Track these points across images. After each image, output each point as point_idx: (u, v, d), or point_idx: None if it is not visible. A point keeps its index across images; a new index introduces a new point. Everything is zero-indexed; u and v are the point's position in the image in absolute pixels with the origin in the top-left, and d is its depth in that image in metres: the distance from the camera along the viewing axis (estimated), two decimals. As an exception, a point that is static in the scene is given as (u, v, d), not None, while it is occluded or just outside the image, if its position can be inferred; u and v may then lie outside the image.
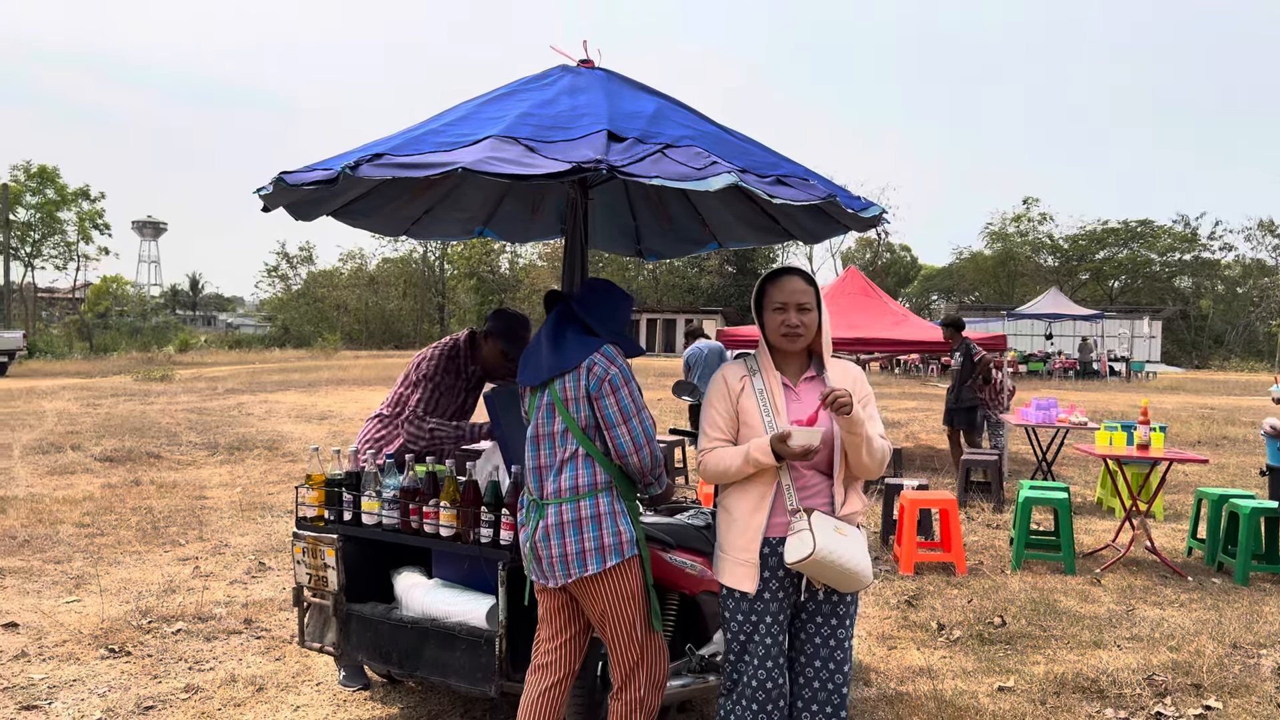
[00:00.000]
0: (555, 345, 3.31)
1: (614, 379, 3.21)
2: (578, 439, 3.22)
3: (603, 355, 3.24)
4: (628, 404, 3.21)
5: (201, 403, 18.90)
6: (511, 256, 62.97)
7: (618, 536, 3.20)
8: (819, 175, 3.61)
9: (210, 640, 5.26)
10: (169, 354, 40.59)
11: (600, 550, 3.17)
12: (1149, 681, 4.86)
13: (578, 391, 3.22)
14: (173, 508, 8.90)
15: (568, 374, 3.24)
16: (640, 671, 3.29)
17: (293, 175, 3.33)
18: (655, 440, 3.26)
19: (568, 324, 3.37)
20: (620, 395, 3.20)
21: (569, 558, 3.18)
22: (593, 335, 3.33)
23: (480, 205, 4.99)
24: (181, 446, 12.87)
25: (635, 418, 3.21)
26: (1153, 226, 58.90)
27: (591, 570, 3.17)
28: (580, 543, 3.17)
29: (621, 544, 3.20)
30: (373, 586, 4.12)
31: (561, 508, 3.21)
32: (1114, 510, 9.39)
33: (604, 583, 3.19)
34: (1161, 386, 30.31)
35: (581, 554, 3.17)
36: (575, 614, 3.35)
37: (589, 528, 3.18)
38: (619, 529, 3.20)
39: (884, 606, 6.09)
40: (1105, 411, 18.46)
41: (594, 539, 3.18)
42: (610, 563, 3.18)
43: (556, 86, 3.78)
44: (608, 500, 3.22)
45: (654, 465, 3.25)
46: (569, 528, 3.19)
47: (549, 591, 3.32)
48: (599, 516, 3.19)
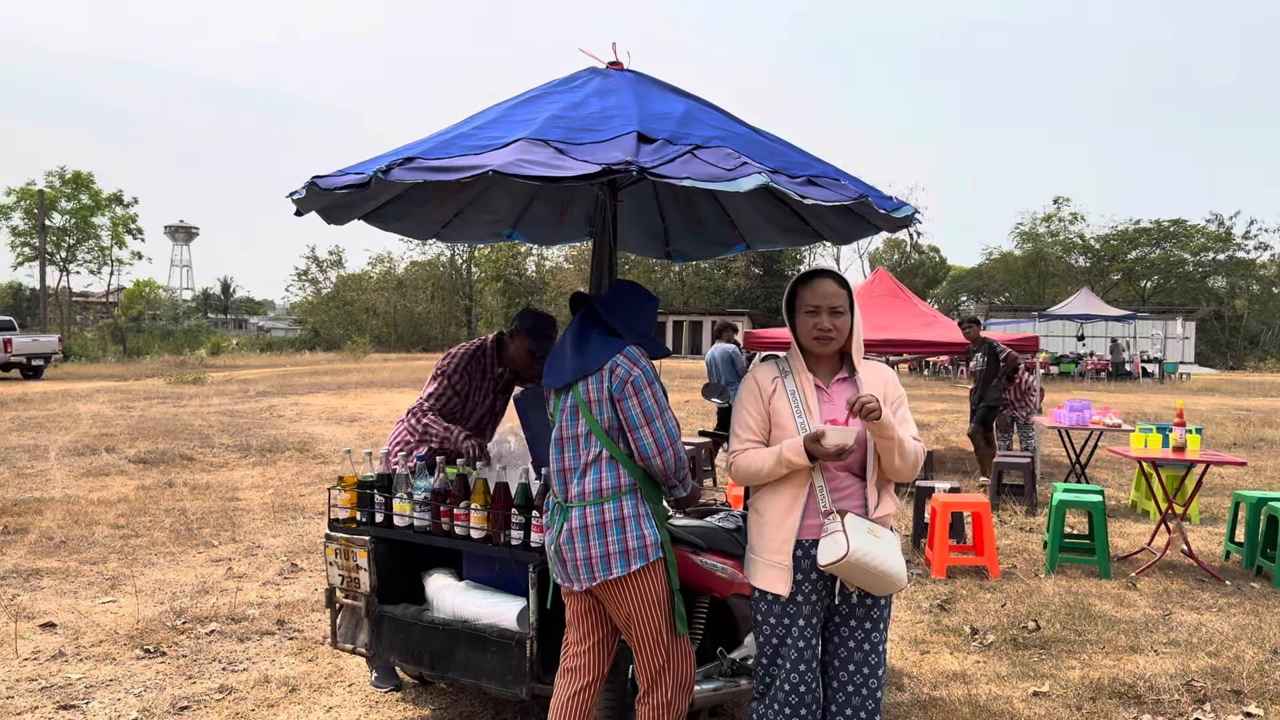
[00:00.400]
0: (579, 347, 3.30)
1: (636, 380, 3.19)
2: (601, 441, 3.21)
3: (625, 357, 3.23)
4: (650, 406, 3.19)
5: (233, 405, 19.08)
6: (538, 259, 63.16)
7: (642, 540, 3.18)
8: (850, 175, 3.58)
9: (243, 641, 5.30)
10: (201, 357, 41.02)
11: (625, 554, 3.16)
12: (1187, 687, 4.79)
13: (601, 393, 3.21)
14: (206, 509, 8.99)
15: (590, 376, 3.23)
16: (667, 675, 3.28)
17: (325, 179, 3.34)
18: (679, 442, 3.24)
19: (592, 326, 3.36)
20: (643, 397, 3.18)
21: (593, 561, 3.17)
22: (616, 337, 3.31)
23: (509, 208, 5.00)
24: (214, 449, 12.99)
25: (658, 419, 3.19)
26: (1186, 226, 58.19)
27: (616, 574, 3.15)
28: (604, 546, 3.16)
29: (646, 547, 3.18)
30: (404, 588, 4.14)
31: (586, 510, 3.19)
32: (1148, 513, 9.27)
33: (628, 586, 3.18)
34: (1195, 388, 29.92)
35: (606, 557, 3.16)
36: (602, 617, 3.34)
37: (613, 531, 3.17)
38: (643, 532, 3.18)
39: (916, 610, 6.05)
40: (1139, 413, 18.25)
41: (618, 542, 3.16)
42: (635, 566, 3.16)
43: (586, 89, 3.78)
44: (632, 503, 3.20)
45: (678, 467, 3.23)
46: (593, 531, 3.17)
47: (575, 594, 3.31)
48: (623, 520, 3.18)
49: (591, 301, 3.43)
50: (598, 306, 3.39)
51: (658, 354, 3.40)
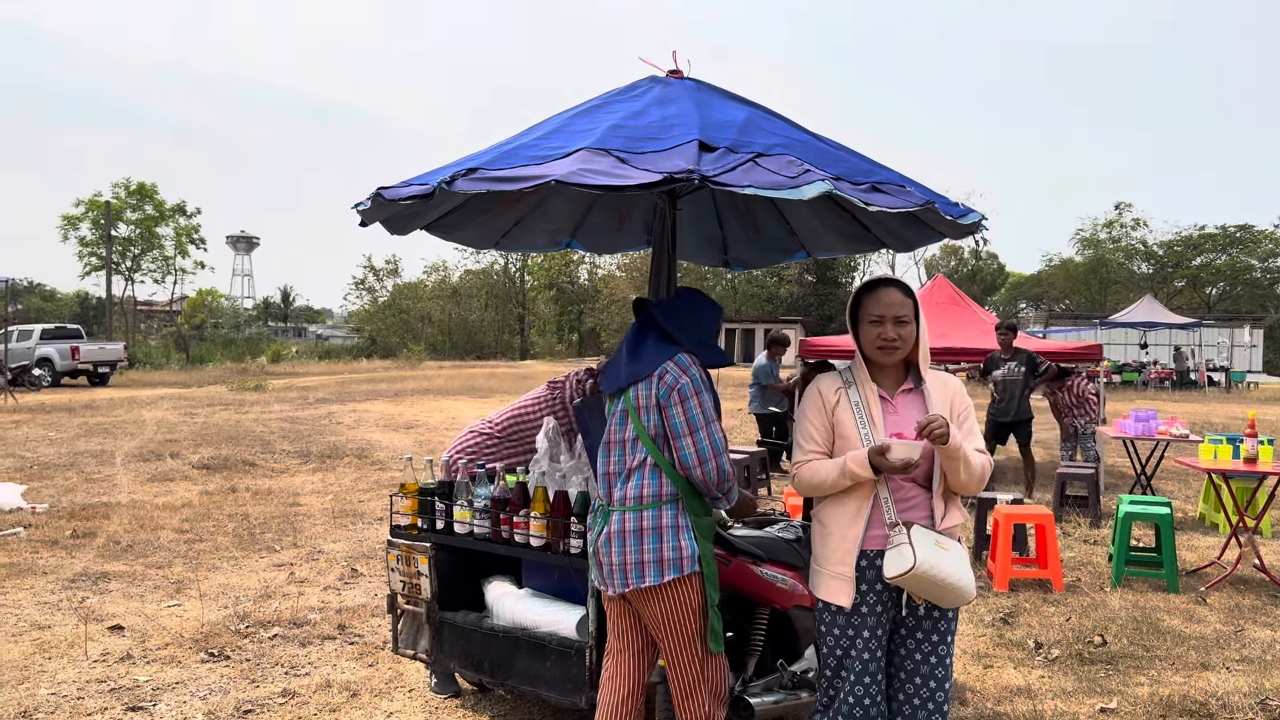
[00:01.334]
0: (634, 352, 3.31)
1: (684, 388, 3.17)
2: (647, 448, 3.20)
3: (675, 364, 3.21)
4: (695, 415, 3.16)
5: (293, 412, 19.38)
6: (590, 267, 63.39)
7: (678, 551, 3.15)
8: (915, 182, 3.54)
9: (305, 645, 5.37)
10: (262, 364, 41.79)
11: (659, 563, 3.14)
12: (1262, 706, 4.64)
13: (650, 399, 3.20)
14: (268, 514, 9.13)
15: (641, 381, 3.23)
16: (702, 688, 3.25)
17: (390, 190, 3.38)
18: (724, 455, 3.19)
19: (649, 331, 3.36)
20: (689, 405, 3.16)
21: (628, 567, 3.16)
22: (673, 343, 3.30)
23: (568, 217, 5.02)
24: (275, 455, 13.20)
25: (703, 429, 3.16)
26: (1253, 231, 56.68)
27: (649, 582, 3.14)
28: (640, 553, 3.15)
29: (682, 559, 3.15)
30: (464, 595, 4.16)
31: (625, 516, 3.19)
32: (1217, 526, 9.03)
33: (661, 596, 3.16)
34: (1264, 397, 29.12)
35: (640, 565, 3.15)
36: (640, 625, 3.32)
37: (649, 539, 3.15)
38: (680, 544, 3.16)
39: (979, 624, 5.94)
40: (1205, 423, 17.81)
41: (654, 551, 3.14)
42: (668, 577, 3.14)
43: (646, 98, 3.78)
44: (672, 513, 3.18)
45: (721, 479, 3.18)
46: (630, 537, 3.17)
47: (613, 600, 3.30)
48: (661, 529, 3.16)
49: (650, 307, 3.43)
50: (655, 312, 3.38)
51: (716, 362, 3.37)
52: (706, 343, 3.38)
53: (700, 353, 3.33)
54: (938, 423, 2.92)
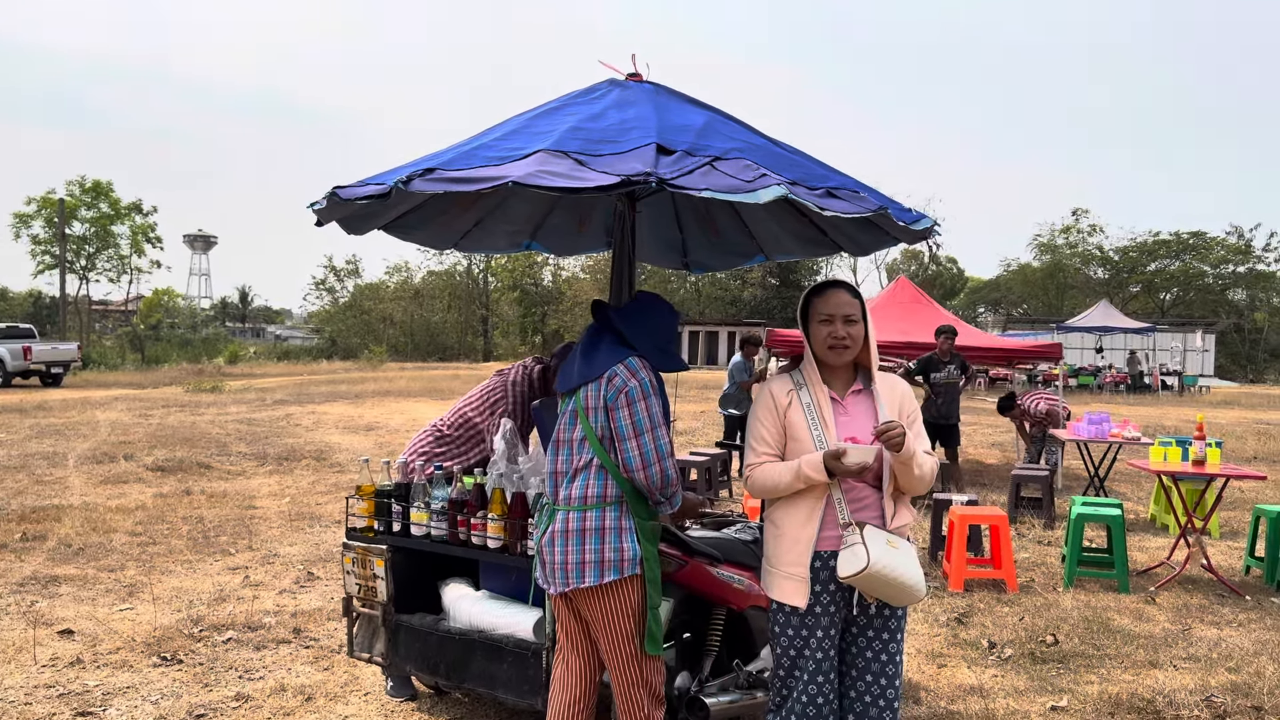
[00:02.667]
0: (587, 354, 3.32)
1: (631, 391, 3.18)
2: (594, 449, 3.21)
3: (625, 366, 3.22)
4: (641, 418, 3.17)
5: (251, 413, 19.16)
6: (554, 269, 63.28)
7: (619, 553, 3.17)
8: (869, 187, 3.58)
9: (260, 649, 5.32)
10: (219, 365, 41.24)
11: (600, 564, 3.15)
12: (1207, 703, 4.74)
13: (598, 401, 3.22)
14: (223, 517, 9.03)
15: (591, 382, 3.25)
16: (640, 689, 3.26)
17: (346, 190, 3.36)
18: (668, 460, 3.20)
19: (605, 334, 3.37)
20: (635, 408, 3.17)
21: (569, 566, 3.18)
22: (627, 346, 3.31)
23: (528, 218, 5.02)
24: (231, 457, 13.05)
25: (649, 433, 3.16)
26: (1205, 238, 57.84)
27: (588, 582, 3.16)
28: (582, 553, 3.16)
29: (622, 561, 3.16)
30: (421, 597, 4.14)
31: (569, 515, 3.20)
32: (1168, 527, 9.20)
33: (600, 597, 3.17)
34: (1215, 401, 29.69)
35: (581, 565, 3.16)
36: (586, 626, 3.34)
37: (591, 540, 3.17)
38: (622, 545, 3.17)
39: (933, 624, 6.01)
40: (1158, 426, 18.12)
41: (595, 552, 3.16)
42: (607, 578, 3.15)
43: (605, 100, 3.79)
44: (615, 515, 3.19)
45: (664, 484, 3.19)
46: (573, 536, 3.18)
47: (558, 600, 3.32)
48: (604, 530, 3.17)
49: (607, 310, 3.44)
50: (613, 315, 3.39)
51: (670, 367, 3.38)
52: (662, 348, 3.38)
53: (655, 358, 3.34)
54: (897, 429, 2.97)
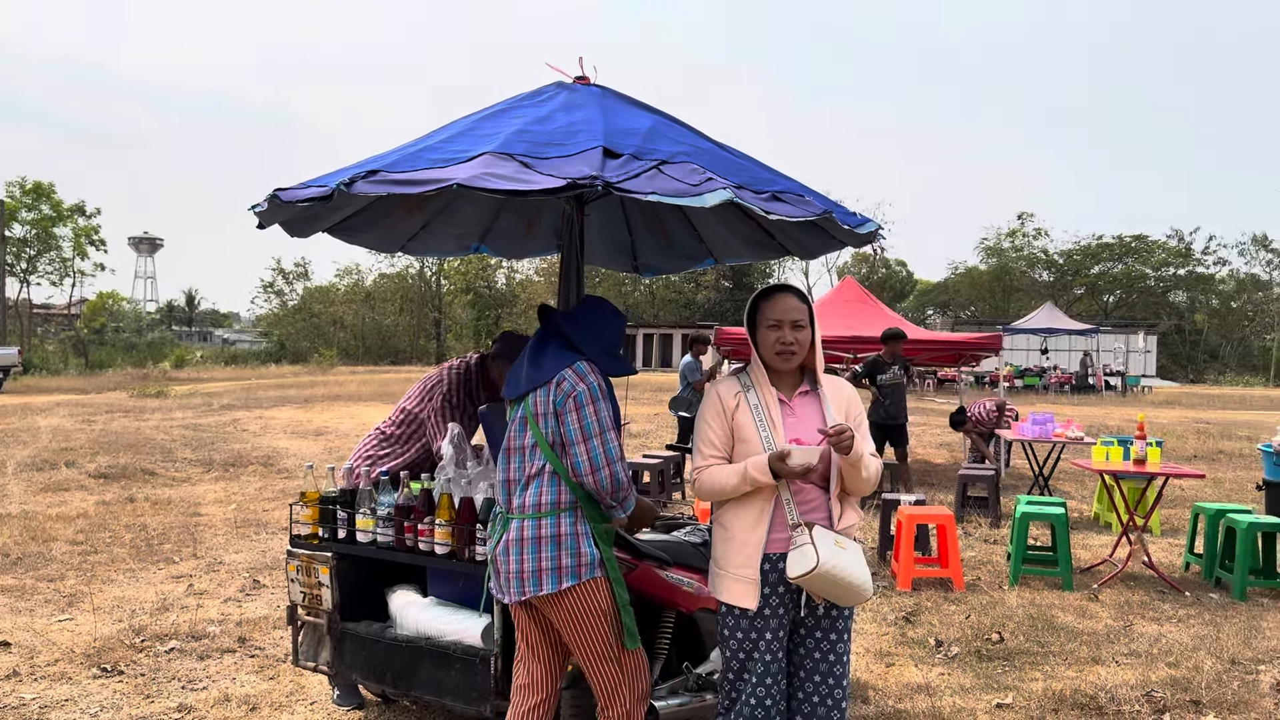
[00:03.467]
0: (534, 359, 3.28)
1: (579, 396, 3.14)
2: (545, 455, 3.16)
3: (574, 371, 3.18)
4: (590, 423, 3.12)
5: (197, 419, 18.85)
6: (508, 272, 63.03)
7: (577, 558, 3.12)
8: (815, 191, 3.61)
9: (204, 659, 5.23)
10: (165, 370, 40.55)
11: (557, 571, 3.11)
12: (1147, 698, 4.83)
13: (547, 406, 3.17)
14: (167, 525, 8.86)
15: (540, 388, 3.20)
16: (622, 689, 3.24)
17: (287, 192, 3.32)
18: (618, 464, 3.15)
19: (552, 338, 3.33)
20: (584, 412, 3.13)
21: (525, 575, 3.13)
22: (575, 351, 3.27)
23: (476, 221, 4.99)
24: (176, 463, 12.82)
25: (597, 438, 3.12)
26: (1147, 241, 59.12)
27: (546, 590, 3.11)
28: (537, 561, 3.11)
29: (580, 566, 3.12)
30: (367, 605, 4.10)
31: (524, 524, 3.15)
32: (1111, 525, 9.38)
33: (563, 603, 3.13)
34: (1157, 401, 30.33)
35: (537, 573, 3.11)
36: (547, 632, 3.29)
37: (548, 547, 3.12)
38: (580, 550, 3.13)
39: (882, 623, 6.07)
40: (1102, 426, 18.46)
41: (551, 559, 3.11)
42: (565, 584, 3.11)
43: (552, 103, 3.79)
44: (570, 521, 3.15)
45: (615, 489, 3.14)
46: (528, 545, 3.13)
47: (516, 608, 3.27)
48: (559, 537, 3.13)
49: (554, 314, 3.42)
50: (560, 319, 3.36)
51: (617, 371, 3.35)
52: (609, 352, 3.35)
53: (603, 361, 3.30)
54: (847, 432, 2.99)
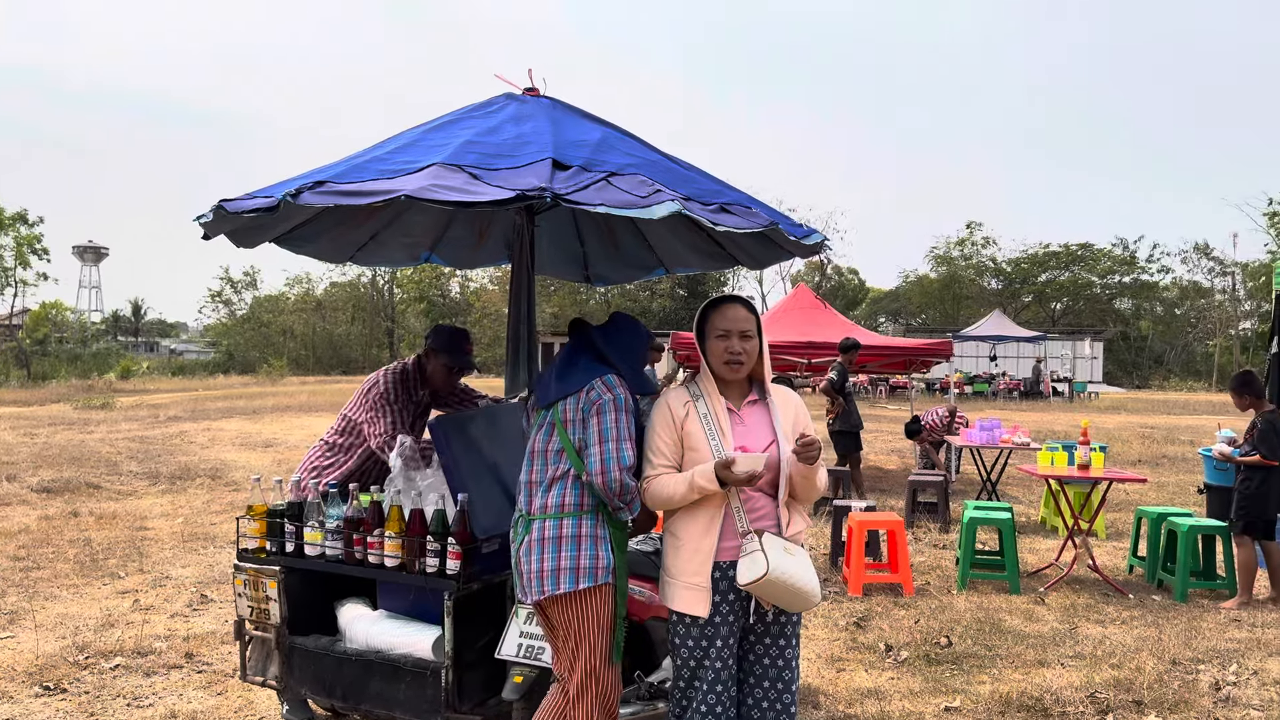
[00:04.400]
0: (565, 370, 3.36)
1: (605, 404, 3.21)
2: (571, 459, 3.23)
3: (603, 382, 3.26)
4: (609, 428, 3.19)
5: (143, 431, 18.53)
6: (462, 280, 62.75)
7: (594, 560, 3.19)
8: (762, 203, 3.66)
9: (150, 675, 5.14)
10: (110, 381, 39.76)
11: (575, 570, 3.17)
12: (1091, 699, 4.93)
13: (576, 414, 3.25)
14: (112, 539, 8.70)
15: (570, 396, 3.28)
16: (593, 699, 3.26)
17: (233, 203, 3.30)
18: (628, 470, 3.19)
19: (583, 352, 3.41)
20: (605, 418, 3.19)
21: (544, 574, 3.18)
22: (605, 364, 3.35)
23: (426, 231, 4.98)
24: (122, 476, 12.59)
25: (613, 442, 3.17)
26: (1093, 250, 60.31)
27: (563, 589, 3.16)
28: (557, 560, 3.18)
29: (597, 569, 3.19)
30: (316, 618, 4.05)
31: (545, 524, 3.22)
32: (1057, 529, 9.54)
33: (572, 604, 3.19)
34: (1103, 406, 30.92)
35: (556, 571, 3.17)
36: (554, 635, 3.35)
37: (568, 547, 3.19)
38: (597, 553, 3.20)
39: (833, 628, 6.13)
40: (1049, 431, 18.78)
41: (570, 559, 3.18)
42: (582, 585, 3.17)
43: (501, 114, 3.81)
44: (591, 523, 3.22)
45: (621, 492, 3.18)
46: (549, 544, 3.20)
47: (538, 607, 3.31)
48: (579, 538, 3.20)
49: (589, 329, 3.47)
50: (594, 333, 3.43)
51: (645, 388, 3.42)
52: (637, 369, 3.43)
53: (631, 378, 3.37)
54: (815, 445, 3.06)
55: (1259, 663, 5.51)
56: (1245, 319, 57.08)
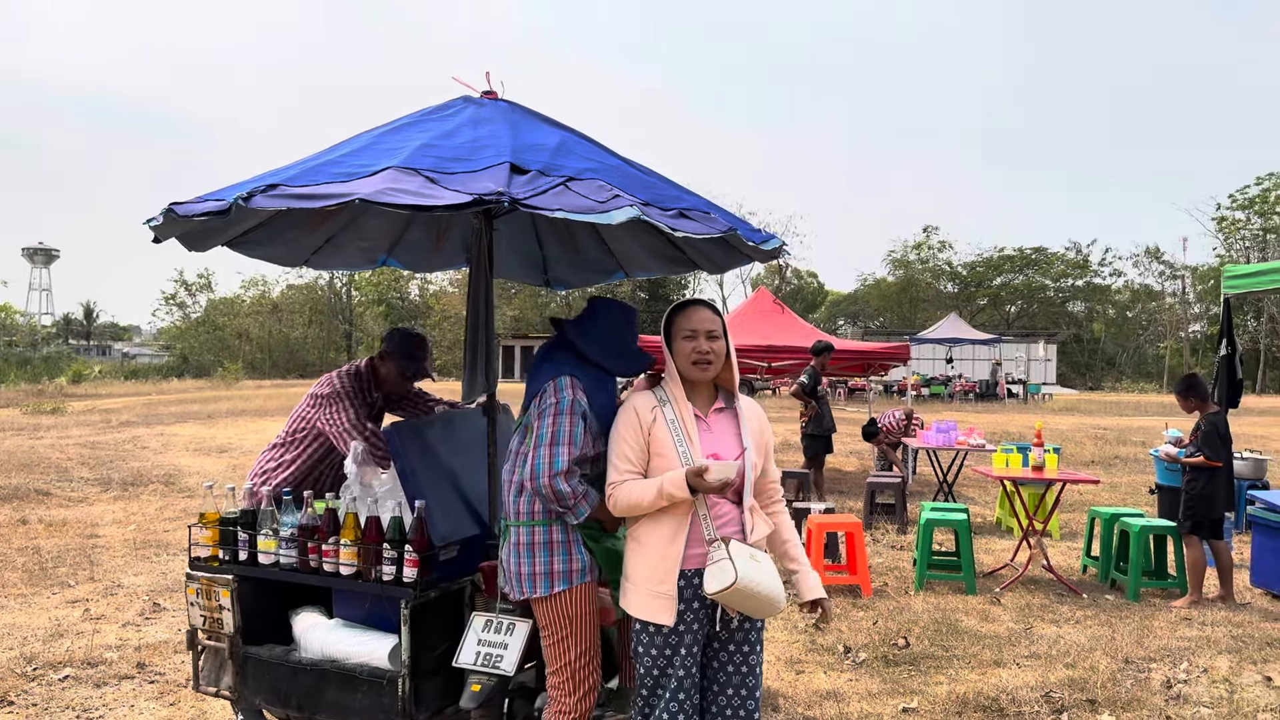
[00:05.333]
0: (534, 372, 3.45)
1: (547, 407, 3.26)
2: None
3: (554, 384, 3.32)
4: (544, 432, 3.21)
5: (95, 436, 18.19)
6: (421, 283, 62.42)
7: (568, 564, 3.29)
8: (721, 208, 3.66)
9: (100, 686, 5.04)
10: (61, 386, 39.00)
11: (549, 575, 3.28)
12: (1046, 699, 4.99)
13: (534, 417, 3.33)
14: (62, 547, 8.53)
15: (534, 399, 3.37)
16: (569, 702, 3.31)
17: (183, 206, 3.24)
18: (560, 476, 3.18)
19: (556, 350, 3.47)
20: (544, 422, 3.23)
21: (523, 577, 3.31)
22: (579, 359, 3.41)
23: (383, 234, 4.93)
24: (72, 483, 12.35)
25: (546, 447, 3.18)
26: (1047, 253, 61.23)
27: (540, 593, 3.28)
28: (533, 565, 3.29)
29: (571, 571, 3.29)
30: (271, 627, 3.99)
31: (521, 530, 3.32)
32: (1013, 530, 9.65)
33: (552, 605, 3.29)
34: (1057, 408, 31.37)
35: (534, 576, 3.29)
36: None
37: (541, 553, 3.29)
38: (570, 556, 3.30)
39: (792, 631, 6.15)
40: (1004, 433, 19.01)
41: (544, 564, 3.29)
42: (557, 588, 3.27)
43: (459, 118, 3.77)
44: (561, 529, 3.30)
45: (555, 497, 3.19)
46: (524, 549, 3.31)
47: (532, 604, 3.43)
48: (552, 544, 3.29)
49: (565, 325, 3.53)
50: (569, 329, 3.50)
51: (629, 370, 3.49)
52: (617, 352, 3.48)
53: (612, 363, 3.44)
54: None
55: (1209, 660, 5.61)
56: (1195, 321, 58.27)
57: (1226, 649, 5.84)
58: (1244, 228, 55.39)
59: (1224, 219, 55.66)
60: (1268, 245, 54.04)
